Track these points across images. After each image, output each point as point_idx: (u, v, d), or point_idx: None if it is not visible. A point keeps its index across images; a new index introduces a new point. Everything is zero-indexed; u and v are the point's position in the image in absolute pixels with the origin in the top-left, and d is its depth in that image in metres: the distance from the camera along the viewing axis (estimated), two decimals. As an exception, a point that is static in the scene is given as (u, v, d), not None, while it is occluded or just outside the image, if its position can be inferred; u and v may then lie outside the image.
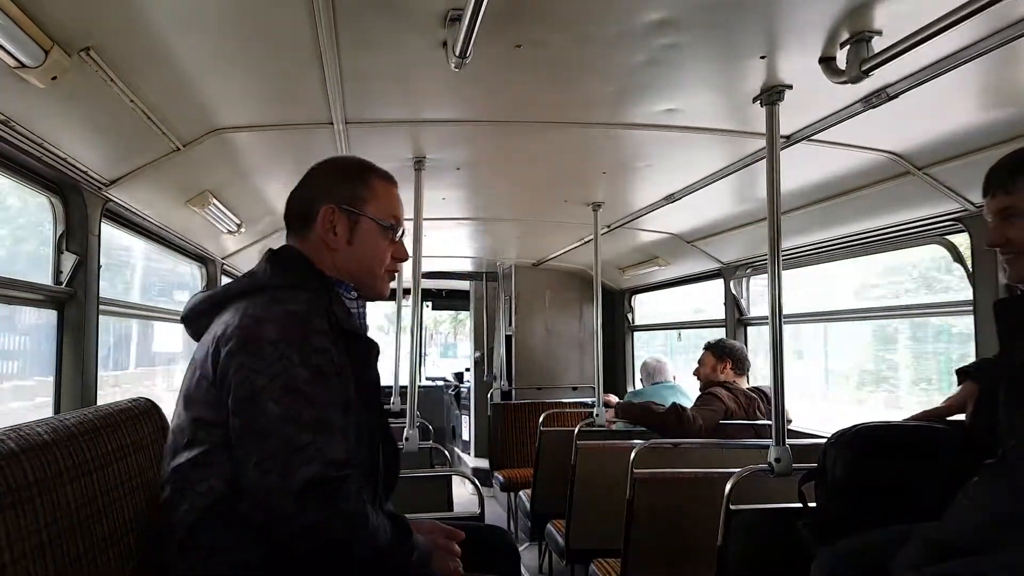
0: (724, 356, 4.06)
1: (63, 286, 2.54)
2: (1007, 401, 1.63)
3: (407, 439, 3.09)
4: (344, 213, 1.72)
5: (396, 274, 1.83)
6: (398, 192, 1.84)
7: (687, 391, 4.59)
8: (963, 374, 2.06)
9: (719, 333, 4.80)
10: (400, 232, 1.81)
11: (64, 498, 1.32)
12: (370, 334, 1.81)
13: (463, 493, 3.01)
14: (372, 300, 1.84)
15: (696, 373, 4.17)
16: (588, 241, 4.79)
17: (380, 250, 1.77)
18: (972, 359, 2.64)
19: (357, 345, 1.65)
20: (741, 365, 4.04)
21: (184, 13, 1.80)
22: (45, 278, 2.52)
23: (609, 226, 4.59)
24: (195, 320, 1.65)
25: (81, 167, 2.46)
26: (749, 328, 4.77)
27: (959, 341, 3.52)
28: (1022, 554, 1.43)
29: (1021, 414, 1.58)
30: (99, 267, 2.65)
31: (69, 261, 2.54)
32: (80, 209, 2.59)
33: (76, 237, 2.58)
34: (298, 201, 1.78)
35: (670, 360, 4.95)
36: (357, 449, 1.59)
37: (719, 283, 4.94)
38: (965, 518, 1.58)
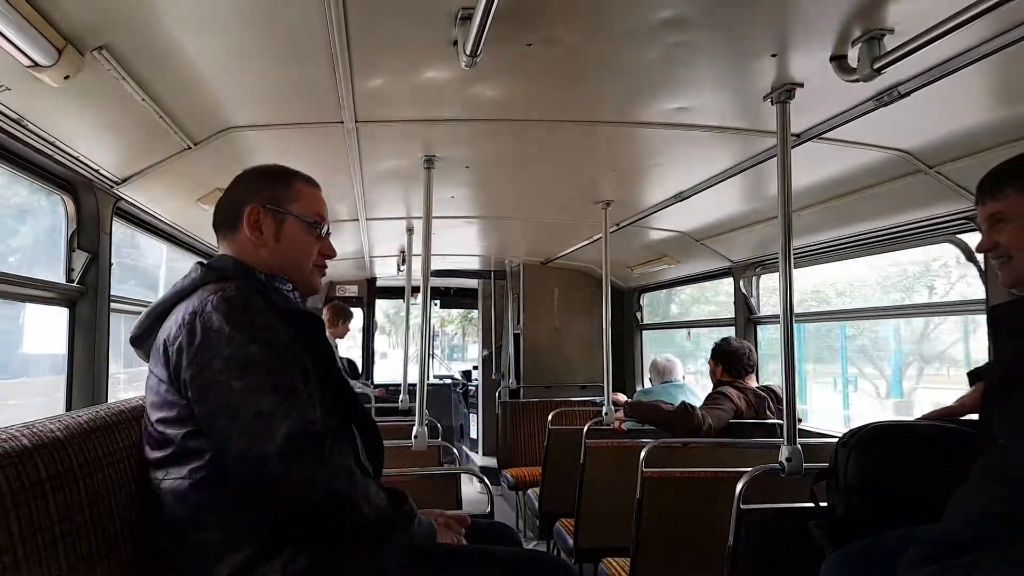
0: (717, 360, 4.08)
1: (75, 284, 2.55)
2: (996, 401, 1.67)
3: (416, 437, 3.09)
4: (269, 212, 1.78)
5: (325, 268, 1.92)
6: (321, 194, 1.90)
7: (696, 390, 4.58)
8: (975, 376, 2.06)
9: (729, 332, 4.79)
10: (325, 229, 1.86)
11: (76, 494, 1.33)
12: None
13: (472, 491, 3.02)
14: (306, 295, 1.90)
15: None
16: (597, 239, 4.78)
17: (307, 246, 1.83)
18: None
19: (301, 322, 1.69)
20: (732, 368, 4.02)
21: (196, 12, 1.80)
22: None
23: (618, 224, 4.57)
24: (145, 339, 1.68)
25: (93, 166, 2.47)
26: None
27: None
28: (1016, 550, 1.43)
29: (1008, 413, 1.61)
30: (110, 265, 2.67)
31: (81, 259, 2.57)
32: (92, 207, 2.61)
33: (88, 235, 2.60)
34: (225, 206, 1.83)
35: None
36: (328, 419, 1.65)
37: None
38: (960, 516, 1.58)
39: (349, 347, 7.96)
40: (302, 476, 1.43)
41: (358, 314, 7.66)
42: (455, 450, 3.46)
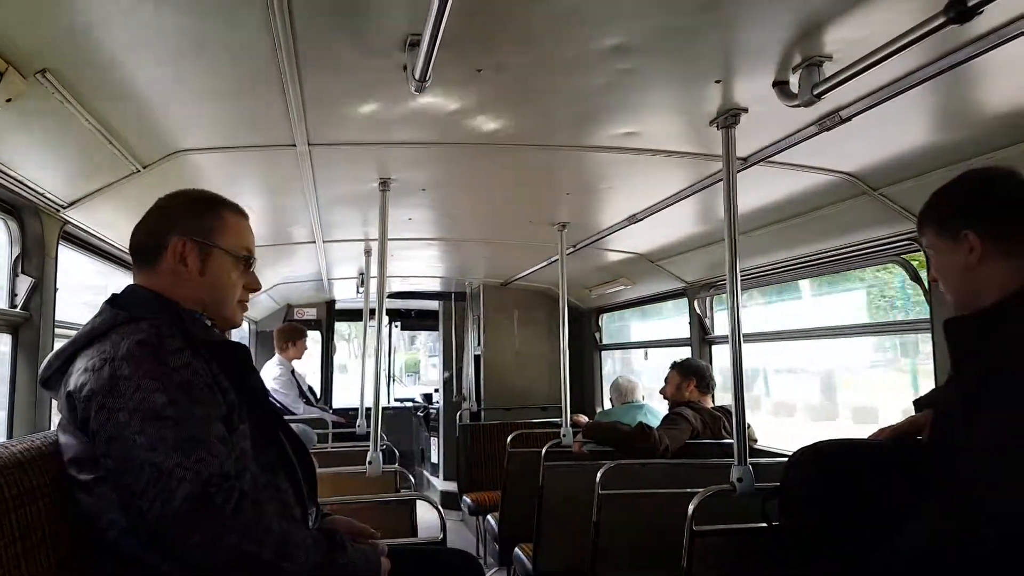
0: (689, 375, 4.09)
1: (18, 309, 2.49)
2: (958, 424, 1.62)
3: (370, 462, 3.03)
4: (196, 245, 1.71)
5: (247, 303, 1.87)
6: (249, 224, 1.85)
7: (657, 411, 4.60)
8: (923, 404, 2.07)
9: (684, 352, 4.83)
10: (252, 263, 1.81)
11: (8, 527, 1.30)
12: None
13: (432, 517, 2.95)
14: (226, 329, 1.84)
15: (662, 392, 4.19)
16: (555, 261, 4.80)
17: (232, 281, 1.77)
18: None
19: (224, 354, 1.64)
20: (706, 383, 4.07)
21: (140, 37, 1.78)
22: None
23: (575, 246, 4.59)
24: (55, 383, 1.59)
25: (38, 189, 2.42)
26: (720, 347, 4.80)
27: None
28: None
29: (972, 432, 1.57)
30: (56, 290, 2.61)
31: (25, 284, 2.51)
32: (37, 231, 2.55)
33: (32, 260, 2.54)
34: (145, 235, 1.75)
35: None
36: (264, 450, 1.63)
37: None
38: (919, 541, 1.59)
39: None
40: (203, 540, 1.35)
41: (315, 336, 7.57)
42: (411, 476, 3.43)
